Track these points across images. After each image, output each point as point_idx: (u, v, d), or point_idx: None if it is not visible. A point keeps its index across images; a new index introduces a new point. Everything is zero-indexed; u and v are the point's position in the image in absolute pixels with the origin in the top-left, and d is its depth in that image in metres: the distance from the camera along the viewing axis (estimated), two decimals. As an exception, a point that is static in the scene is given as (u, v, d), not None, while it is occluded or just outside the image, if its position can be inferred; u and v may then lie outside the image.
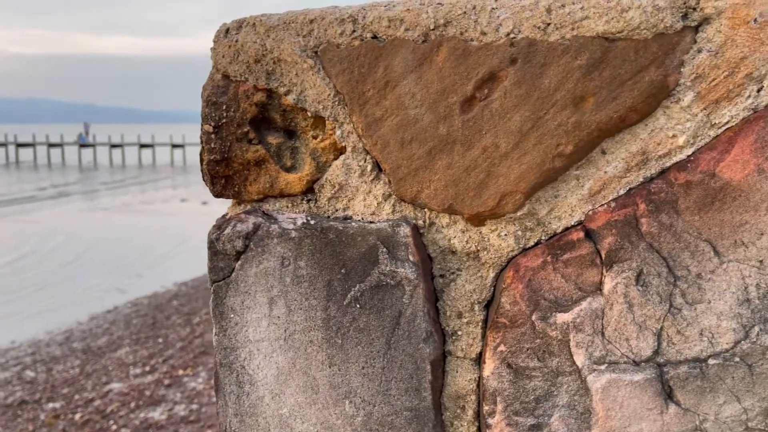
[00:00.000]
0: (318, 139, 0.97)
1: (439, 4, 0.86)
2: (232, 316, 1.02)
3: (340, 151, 0.96)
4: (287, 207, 1.01)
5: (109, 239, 15.71)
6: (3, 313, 9.62)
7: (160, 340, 8.17)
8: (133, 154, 47.52)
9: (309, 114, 0.96)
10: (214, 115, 0.99)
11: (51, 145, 48.93)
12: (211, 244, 1.01)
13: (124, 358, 7.58)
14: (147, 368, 7.20)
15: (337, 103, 0.94)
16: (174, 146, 47.29)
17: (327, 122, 0.95)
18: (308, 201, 1.00)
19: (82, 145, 49.28)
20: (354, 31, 0.90)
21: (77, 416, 6.03)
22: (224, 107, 0.98)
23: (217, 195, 1.03)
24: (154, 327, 8.81)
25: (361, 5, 0.92)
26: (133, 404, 6.24)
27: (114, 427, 5.76)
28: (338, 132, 0.95)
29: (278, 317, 0.99)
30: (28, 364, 7.59)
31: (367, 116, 0.91)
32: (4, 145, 48.60)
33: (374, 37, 0.90)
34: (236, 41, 0.97)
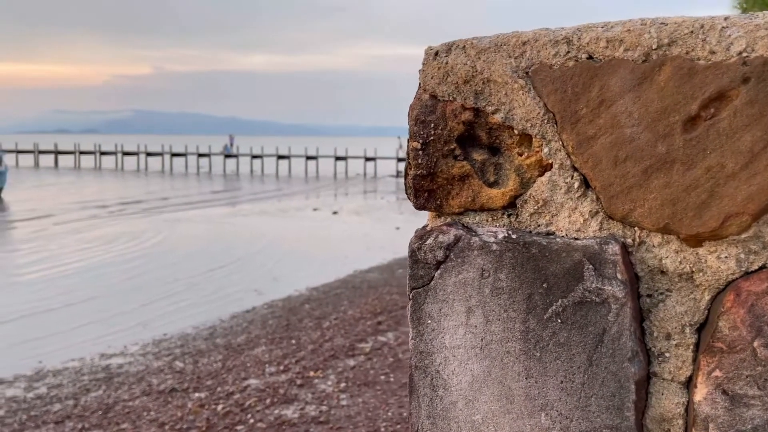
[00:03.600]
0: (523, 156, 1.00)
1: (662, 23, 0.86)
2: (429, 322, 1.07)
3: (545, 167, 0.99)
4: (486, 221, 1.05)
5: (248, 243, 16.81)
6: (157, 307, 10.61)
7: (293, 341, 8.57)
8: (271, 165, 50.54)
9: (515, 132, 0.99)
10: (422, 132, 1.05)
11: (200, 155, 53.39)
12: (413, 253, 1.07)
13: (261, 356, 8.03)
14: (281, 367, 7.58)
15: (546, 121, 0.96)
16: (308, 158, 49.71)
17: (534, 140, 0.98)
18: (509, 216, 1.03)
19: (227, 156, 53.27)
20: (568, 52, 0.93)
21: (219, 407, 6.47)
22: (432, 125, 1.04)
23: (419, 207, 1.09)
24: (287, 328, 9.26)
25: (576, 27, 0.94)
26: (268, 401, 6.60)
27: (251, 420, 6.12)
28: (545, 149, 0.97)
29: (475, 326, 1.03)
30: (177, 356, 8.27)
31: (578, 134, 0.93)
32: (160, 154, 53.72)
33: (589, 57, 0.91)
34: (445, 63, 1.03)
